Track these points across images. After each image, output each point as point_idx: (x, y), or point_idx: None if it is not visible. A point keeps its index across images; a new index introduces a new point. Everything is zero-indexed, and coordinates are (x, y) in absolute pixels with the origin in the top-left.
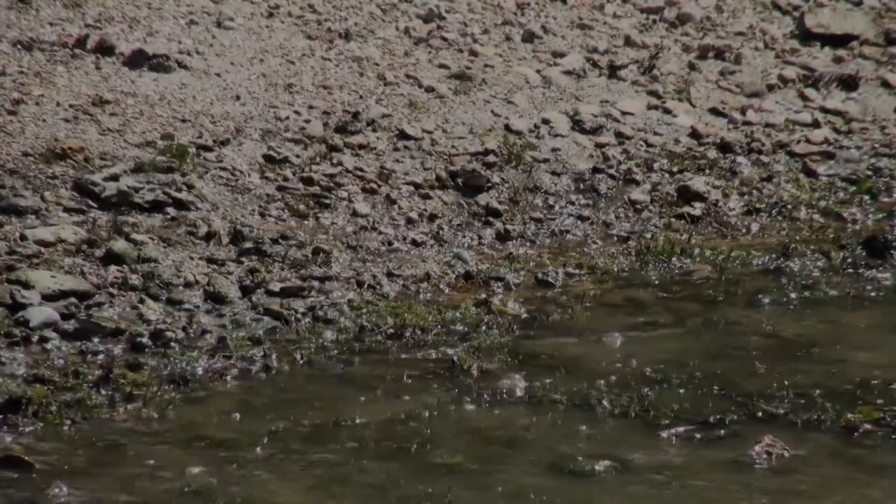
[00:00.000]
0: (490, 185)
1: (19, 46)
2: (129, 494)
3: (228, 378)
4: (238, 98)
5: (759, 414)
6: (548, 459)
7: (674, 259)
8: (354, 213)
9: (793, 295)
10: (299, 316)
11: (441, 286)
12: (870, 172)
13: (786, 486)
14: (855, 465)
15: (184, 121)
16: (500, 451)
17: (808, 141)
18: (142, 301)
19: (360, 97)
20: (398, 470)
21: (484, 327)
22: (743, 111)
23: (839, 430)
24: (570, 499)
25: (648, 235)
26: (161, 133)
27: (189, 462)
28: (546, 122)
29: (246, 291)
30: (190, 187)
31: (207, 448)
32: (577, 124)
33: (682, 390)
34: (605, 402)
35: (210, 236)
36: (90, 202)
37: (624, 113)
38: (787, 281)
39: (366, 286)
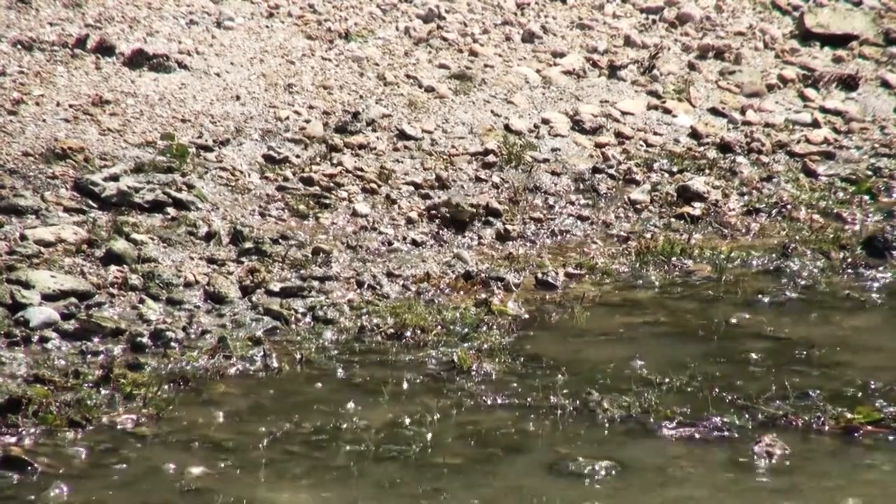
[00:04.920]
0: (474, 218)
1: (19, 46)
2: (128, 495)
3: (228, 378)
4: (238, 98)
5: (759, 415)
6: (548, 461)
7: (674, 259)
8: (354, 213)
9: (792, 295)
10: (299, 316)
11: (441, 286)
12: (869, 172)
13: (786, 486)
14: (854, 466)
15: (184, 121)
16: (500, 453)
17: (807, 141)
18: (142, 301)
19: (360, 97)
20: (398, 471)
21: (484, 327)
22: (743, 111)
23: (839, 430)
24: (570, 500)
25: (648, 235)
26: (161, 133)
27: (189, 462)
28: (546, 122)
29: (246, 291)
30: (190, 187)
31: (207, 448)
32: (576, 124)
33: (682, 391)
34: (604, 404)
35: (210, 236)
36: (90, 202)
37: (624, 113)
38: (787, 281)
39: (366, 286)
